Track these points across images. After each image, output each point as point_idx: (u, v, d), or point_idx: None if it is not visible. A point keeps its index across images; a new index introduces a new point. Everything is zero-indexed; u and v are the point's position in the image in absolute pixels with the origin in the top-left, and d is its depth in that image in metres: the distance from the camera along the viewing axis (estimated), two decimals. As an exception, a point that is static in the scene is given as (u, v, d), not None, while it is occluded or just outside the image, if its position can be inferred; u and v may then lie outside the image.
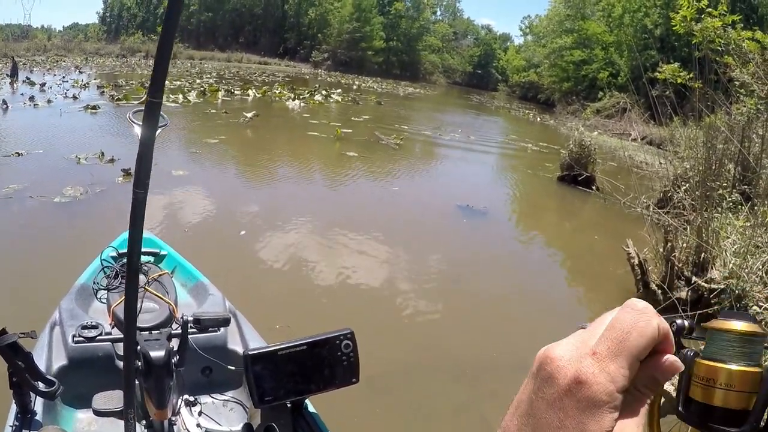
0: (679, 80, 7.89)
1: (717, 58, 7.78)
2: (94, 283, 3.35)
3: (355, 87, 41.15)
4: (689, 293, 5.94)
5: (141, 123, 1.27)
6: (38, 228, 7.14)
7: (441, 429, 4.16)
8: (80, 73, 30.37)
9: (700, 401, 0.60)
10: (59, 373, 2.57)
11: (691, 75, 7.91)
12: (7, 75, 23.77)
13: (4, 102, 16.32)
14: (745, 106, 7.80)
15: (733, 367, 0.59)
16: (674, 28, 8.42)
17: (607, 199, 10.41)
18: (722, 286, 5.57)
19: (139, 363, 2.08)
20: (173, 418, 2.34)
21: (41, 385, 2.21)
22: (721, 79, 8.01)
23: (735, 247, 6.04)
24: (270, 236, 7.76)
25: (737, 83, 8.16)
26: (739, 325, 0.61)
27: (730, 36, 7.56)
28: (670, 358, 0.56)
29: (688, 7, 7.53)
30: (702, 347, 0.64)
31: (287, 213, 8.86)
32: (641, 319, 0.55)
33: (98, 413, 2.19)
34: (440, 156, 16.53)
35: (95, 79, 26.77)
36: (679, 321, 0.65)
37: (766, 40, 7.70)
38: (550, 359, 0.55)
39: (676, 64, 8.45)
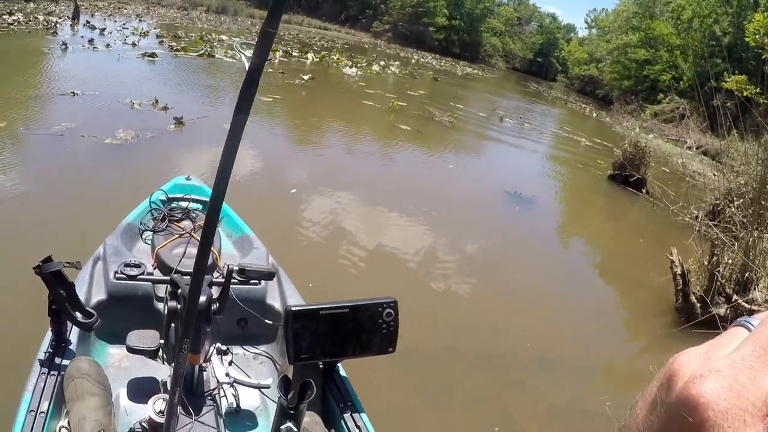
0: (744, 93, 7.73)
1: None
2: (141, 223, 3.45)
3: (413, 61, 40.87)
4: (728, 311, 5.88)
5: (248, 53, 1.31)
6: (88, 167, 7.29)
7: (462, 414, 4.19)
8: (140, 21, 30.56)
9: None
10: (97, 306, 2.62)
11: (758, 90, 7.75)
12: (68, 17, 23.99)
13: (64, 43, 16.53)
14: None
15: None
16: (746, 39, 8.24)
17: (656, 205, 10.28)
18: (763, 309, 5.49)
19: (179, 306, 2.14)
20: (204, 364, 2.41)
21: (79, 316, 2.27)
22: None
23: (781, 269, 5.96)
24: (319, 198, 7.86)
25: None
26: None
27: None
28: None
29: (763, 21, 7.37)
30: None
31: (337, 178, 8.96)
32: None
33: (131, 350, 2.27)
34: (492, 139, 16.40)
35: (155, 29, 26.94)
36: None
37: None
38: (699, 403, 0.37)
39: (744, 76, 8.29)
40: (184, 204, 3.68)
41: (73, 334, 2.43)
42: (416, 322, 5.06)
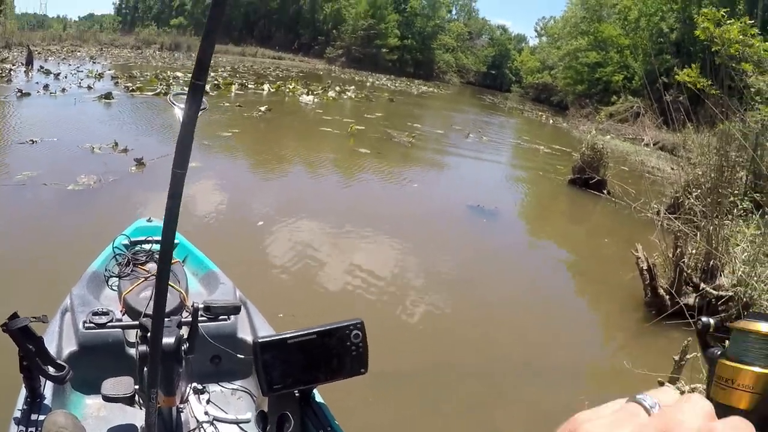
0: (698, 85, 7.88)
1: (734, 65, 7.78)
2: (105, 270, 3.39)
3: (368, 84, 41.07)
4: (697, 300, 5.95)
5: (181, 105, 1.30)
6: (51, 215, 7.20)
7: (446, 428, 4.17)
8: (95, 63, 30.39)
9: (720, 403, 0.60)
10: (69, 358, 2.58)
11: (709, 82, 7.91)
12: (22, 63, 23.80)
13: (20, 90, 16.38)
14: (760, 113, 7.79)
15: (757, 369, 0.59)
16: (695, 33, 8.43)
17: (618, 204, 10.40)
18: (730, 294, 5.57)
19: (149, 349, 2.12)
20: (181, 406, 2.36)
21: (51, 370, 2.23)
22: (736, 86, 7.99)
23: (744, 255, 6.04)
24: (286, 228, 7.81)
25: (753, 90, 8.14)
26: (764, 327, 0.61)
27: (752, 44, 7.56)
28: None
29: (711, 15, 7.54)
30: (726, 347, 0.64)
31: (302, 206, 8.91)
32: None
33: (107, 399, 2.23)
34: (452, 155, 16.48)
35: (110, 70, 26.80)
36: (704, 318, 0.69)
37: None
38: None
39: (696, 68, 8.45)
40: (147, 246, 3.63)
41: (48, 388, 2.39)
42: (393, 342, 5.04)
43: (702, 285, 5.97)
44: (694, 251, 6.33)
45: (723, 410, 0.51)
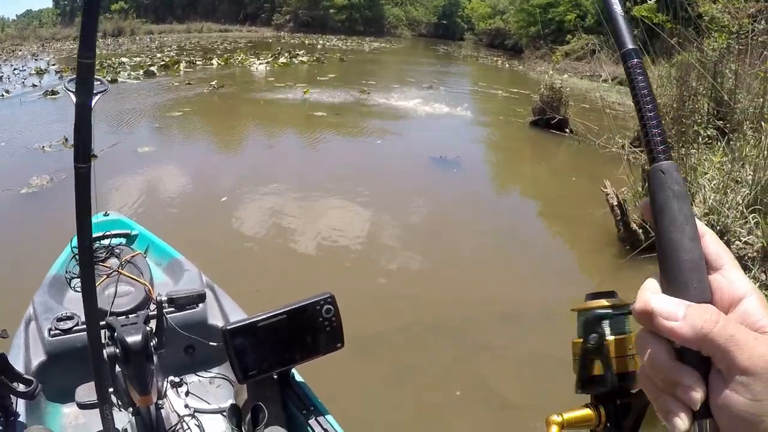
0: (655, 20, 7.81)
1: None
2: (66, 272, 3.26)
3: (319, 47, 40.65)
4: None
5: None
6: (6, 222, 7.02)
7: (434, 386, 4.13)
8: (37, 60, 29.61)
9: (619, 372, 0.72)
10: (39, 369, 2.51)
11: (666, 17, 7.84)
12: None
13: (-40, 97, 15.83)
14: (716, 41, 7.73)
15: (630, 334, 0.71)
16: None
17: (582, 141, 10.35)
18: (703, 222, 5.53)
19: (117, 350, 2.01)
20: (160, 402, 2.26)
21: (20, 387, 2.15)
22: (690, 15, 7.92)
23: (713, 182, 6.01)
24: (251, 201, 7.77)
25: (706, 18, 8.08)
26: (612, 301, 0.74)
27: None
28: None
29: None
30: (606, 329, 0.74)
31: (265, 176, 8.85)
32: None
33: (82, 406, 2.13)
34: (409, 109, 16.32)
35: (53, 65, 26.12)
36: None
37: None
38: None
39: (652, 1, 8.39)
40: (106, 242, 3.51)
41: (21, 404, 2.31)
42: (368, 306, 5.00)
43: (675, 216, 5.92)
44: (663, 183, 6.27)
45: (621, 377, 0.72)
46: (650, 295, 0.58)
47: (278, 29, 62.00)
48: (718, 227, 5.26)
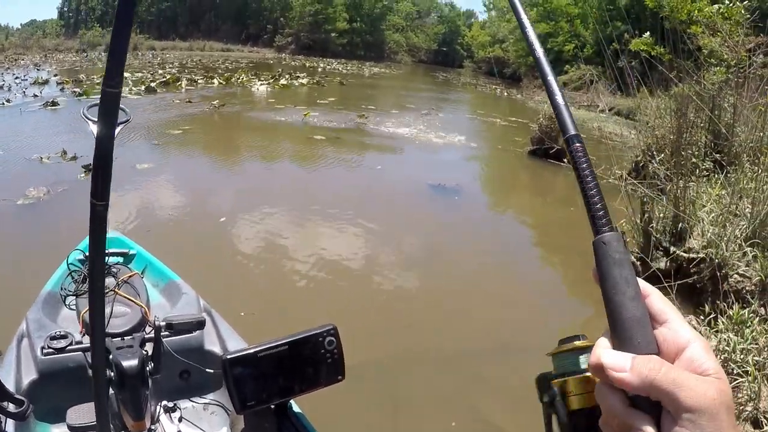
0: (653, 52, 7.87)
1: (685, 29, 7.76)
2: (61, 289, 3.19)
3: (319, 69, 40.87)
4: (668, 264, 5.91)
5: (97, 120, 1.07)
6: (2, 233, 6.94)
7: (430, 418, 4.08)
8: (39, 70, 29.70)
9: (584, 407, 0.73)
10: (30, 388, 2.46)
11: (665, 50, 7.91)
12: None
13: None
14: (715, 75, 7.78)
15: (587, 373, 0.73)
16: (645, 2, 8.42)
17: (580, 172, 10.36)
18: (702, 256, 5.53)
19: (112, 373, 1.98)
20: (152, 427, 2.20)
21: (10, 406, 2.09)
22: (688, 48, 7.97)
23: (712, 215, 6.01)
24: (250, 222, 7.70)
25: (705, 52, 8.14)
26: (579, 342, 0.77)
27: (701, 8, 7.59)
28: None
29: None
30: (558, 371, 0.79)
31: (264, 198, 8.81)
32: None
33: (73, 429, 2.08)
34: (407, 136, 16.34)
35: (55, 76, 26.20)
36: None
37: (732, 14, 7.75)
38: None
39: (647, 35, 8.44)
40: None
41: (10, 424, 2.26)
42: (365, 334, 4.94)
43: (672, 249, 5.93)
44: (661, 215, 6.29)
45: (583, 414, 0.72)
46: (601, 350, 0.65)
47: (280, 51, 62.38)
48: (717, 260, 5.25)
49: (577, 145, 0.76)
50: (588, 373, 0.72)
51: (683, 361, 0.63)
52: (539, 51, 0.86)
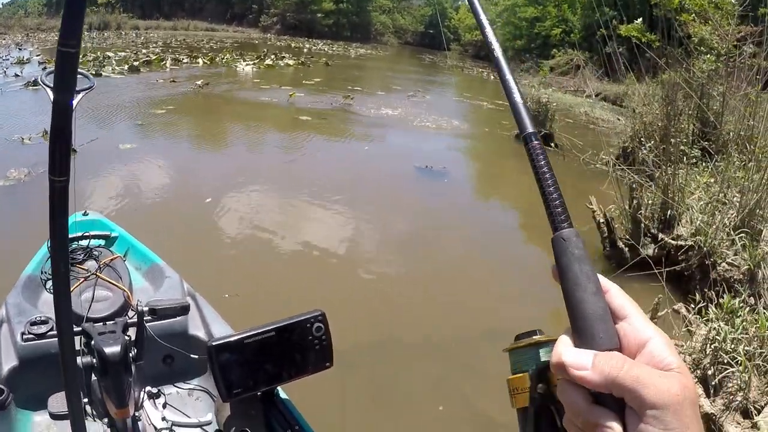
0: (643, 39, 7.85)
1: (675, 17, 7.74)
2: (42, 273, 3.13)
3: (305, 50, 40.59)
4: (656, 250, 5.91)
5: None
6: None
7: (419, 406, 4.07)
8: (21, 49, 29.26)
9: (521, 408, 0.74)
10: (10, 375, 2.39)
11: (655, 36, 7.89)
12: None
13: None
14: (704, 63, 7.77)
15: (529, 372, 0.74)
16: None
17: (567, 156, 10.36)
18: (690, 243, 5.53)
19: (94, 360, 1.91)
20: (136, 414, 2.17)
21: None
22: (678, 35, 7.96)
23: (700, 203, 6.01)
24: (236, 202, 7.67)
25: (695, 40, 8.13)
26: (535, 337, 0.77)
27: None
28: None
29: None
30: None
31: (251, 178, 8.77)
32: None
33: (54, 416, 2.05)
34: (393, 118, 16.27)
35: (37, 55, 25.86)
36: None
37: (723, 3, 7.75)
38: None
39: (639, 21, 8.42)
40: (84, 243, 3.38)
41: None
42: (351, 320, 4.90)
43: (661, 235, 5.93)
44: (650, 202, 6.29)
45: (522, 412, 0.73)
46: (563, 348, 0.65)
47: (265, 31, 61.87)
48: (705, 248, 5.25)
49: (535, 143, 0.77)
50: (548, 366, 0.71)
51: (645, 356, 0.63)
52: (498, 51, 0.86)
